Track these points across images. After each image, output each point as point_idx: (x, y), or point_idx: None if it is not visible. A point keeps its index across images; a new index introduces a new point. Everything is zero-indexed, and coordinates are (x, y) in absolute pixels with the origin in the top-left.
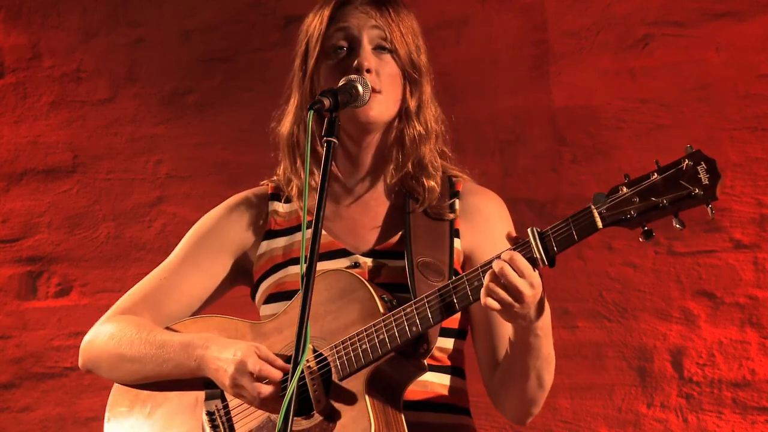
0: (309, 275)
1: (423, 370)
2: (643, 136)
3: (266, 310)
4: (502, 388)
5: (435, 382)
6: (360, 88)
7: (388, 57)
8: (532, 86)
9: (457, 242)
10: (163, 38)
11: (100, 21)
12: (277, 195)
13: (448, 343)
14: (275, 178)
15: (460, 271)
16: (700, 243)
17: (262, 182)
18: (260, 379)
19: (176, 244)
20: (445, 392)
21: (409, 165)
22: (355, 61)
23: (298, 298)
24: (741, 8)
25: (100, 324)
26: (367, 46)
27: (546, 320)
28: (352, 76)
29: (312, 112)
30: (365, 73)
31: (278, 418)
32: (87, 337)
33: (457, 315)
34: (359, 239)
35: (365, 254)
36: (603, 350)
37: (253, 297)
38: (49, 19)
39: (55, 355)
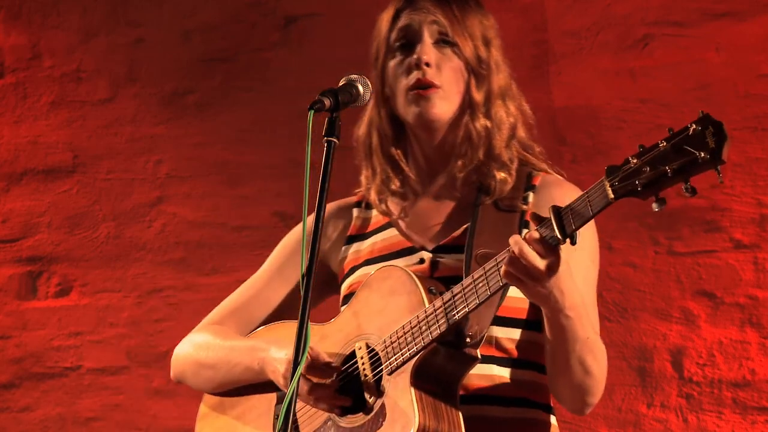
0: (309, 275)
1: (474, 360)
2: (643, 136)
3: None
4: (553, 377)
5: (502, 375)
6: (360, 88)
7: (449, 51)
8: (532, 86)
9: (525, 233)
10: (163, 38)
11: (100, 21)
12: (360, 203)
13: (514, 333)
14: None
15: None
16: (700, 243)
17: (355, 191)
18: (311, 376)
19: (176, 244)
20: (514, 385)
21: (481, 156)
22: (415, 56)
23: (356, 299)
24: (741, 8)
25: (189, 335)
26: (427, 41)
27: (575, 301)
28: (353, 76)
29: (312, 111)
30: (425, 66)
31: (279, 417)
32: (176, 349)
33: (524, 305)
34: (428, 235)
35: (432, 249)
36: None
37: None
38: (49, 19)
39: (55, 355)
